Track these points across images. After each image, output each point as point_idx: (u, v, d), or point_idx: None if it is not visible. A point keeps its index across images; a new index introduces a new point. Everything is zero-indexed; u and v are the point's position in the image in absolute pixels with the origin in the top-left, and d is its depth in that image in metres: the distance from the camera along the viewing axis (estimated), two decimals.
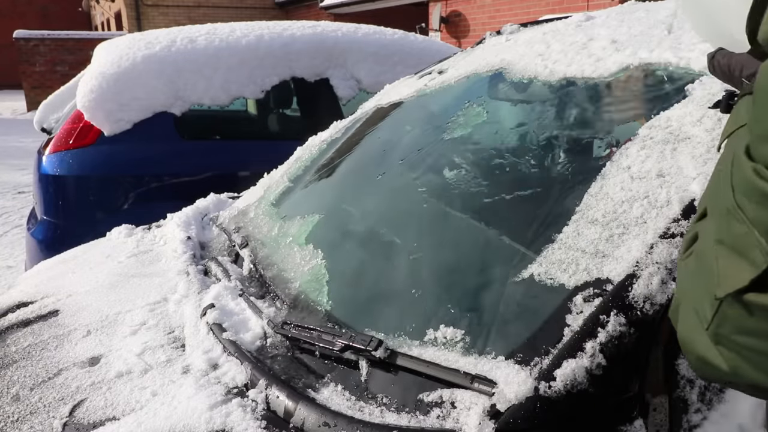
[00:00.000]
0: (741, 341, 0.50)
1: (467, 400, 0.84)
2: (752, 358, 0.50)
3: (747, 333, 0.50)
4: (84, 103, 3.00)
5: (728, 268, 0.50)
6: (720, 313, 0.51)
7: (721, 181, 0.51)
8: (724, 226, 0.50)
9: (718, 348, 0.52)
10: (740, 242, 0.49)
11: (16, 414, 1.06)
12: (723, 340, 0.52)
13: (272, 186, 1.80)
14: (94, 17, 24.91)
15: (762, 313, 0.48)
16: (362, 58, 3.51)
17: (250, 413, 0.94)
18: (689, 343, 0.57)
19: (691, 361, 0.58)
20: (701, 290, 0.54)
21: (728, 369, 0.52)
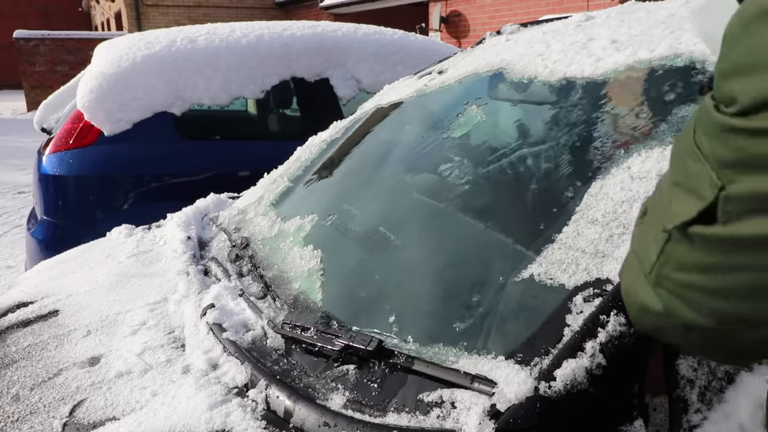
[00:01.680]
0: (680, 278, 0.52)
1: (467, 400, 0.84)
2: (687, 295, 0.52)
3: (687, 269, 0.51)
4: (84, 103, 3.00)
5: (679, 205, 0.51)
6: (664, 252, 0.53)
7: (684, 131, 0.53)
8: (681, 168, 0.52)
9: (657, 290, 0.55)
10: (693, 180, 0.50)
11: (16, 414, 1.06)
12: (663, 280, 0.54)
13: (272, 186, 1.80)
14: (94, 17, 24.91)
15: (703, 245, 0.49)
16: (362, 58, 3.51)
17: (250, 413, 0.94)
18: (632, 294, 0.60)
19: (632, 312, 0.62)
20: (650, 237, 0.56)
21: (663, 309, 0.54)
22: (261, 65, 3.29)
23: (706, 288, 0.50)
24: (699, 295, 0.51)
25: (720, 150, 0.47)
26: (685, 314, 0.52)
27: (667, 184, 0.54)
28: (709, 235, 0.48)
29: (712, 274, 0.49)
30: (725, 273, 0.48)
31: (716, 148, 0.48)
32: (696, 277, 0.50)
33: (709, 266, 0.49)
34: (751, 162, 0.45)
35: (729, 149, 0.46)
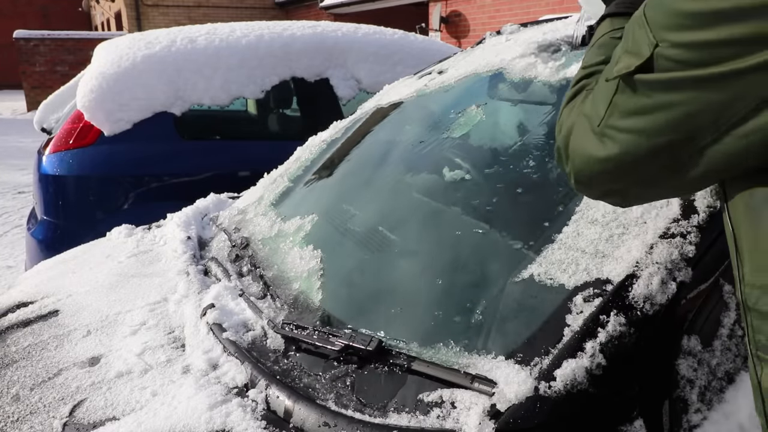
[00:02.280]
0: (623, 124, 0.62)
1: (467, 400, 0.84)
2: (628, 138, 0.62)
3: (629, 113, 0.61)
4: (84, 103, 3.00)
5: (626, 62, 0.62)
6: (611, 104, 0.63)
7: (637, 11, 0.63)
8: (629, 38, 0.63)
9: (603, 140, 0.64)
10: (637, 43, 0.60)
11: (16, 414, 1.06)
12: (608, 130, 0.64)
13: (272, 186, 1.80)
14: (94, 17, 24.91)
15: (645, 88, 0.59)
16: (362, 58, 3.51)
17: (250, 413, 0.94)
18: (580, 149, 0.69)
19: (576, 165, 0.70)
20: (600, 100, 0.66)
21: (605, 154, 0.64)
22: (261, 65, 3.29)
23: (644, 127, 0.60)
24: (638, 135, 0.61)
25: (660, 15, 0.58)
26: (624, 154, 0.63)
27: (615, 55, 0.66)
28: (650, 79, 0.59)
29: (648, 114, 0.60)
30: (659, 110, 0.59)
31: (657, 13, 0.58)
32: (636, 120, 0.61)
33: (646, 107, 0.60)
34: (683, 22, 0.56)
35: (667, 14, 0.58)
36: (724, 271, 0.88)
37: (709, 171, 0.60)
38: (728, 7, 0.52)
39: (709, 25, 0.54)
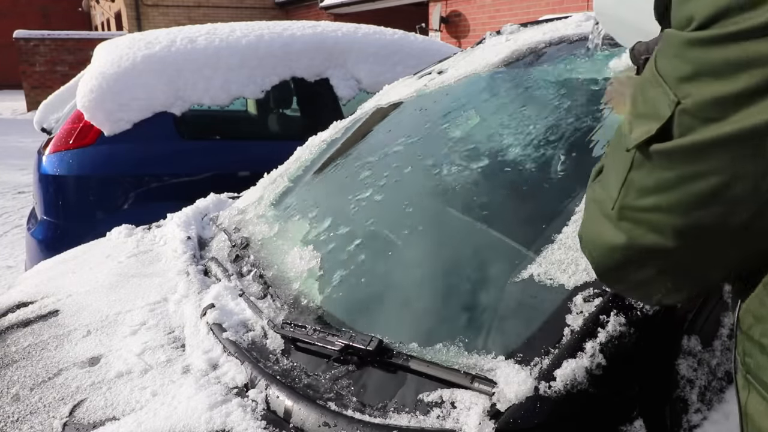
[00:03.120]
0: (642, 203, 0.53)
1: (467, 400, 0.84)
2: (649, 219, 0.53)
3: (649, 191, 0.52)
4: (84, 103, 3.00)
5: (638, 130, 0.53)
6: (626, 182, 0.54)
7: (644, 71, 0.56)
8: (639, 101, 0.54)
9: (620, 224, 0.55)
10: (651, 105, 0.52)
11: (16, 414, 1.06)
12: (625, 212, 0.55)
13: (272, 186, 1.80)
14: (94, 17, 24.91)
15: (663, 160, 0.51)
16: (362, 58, 3.51)
17: (250, 413, 0.94)
18: (594, 238, 0.60)
19: (595, 258, 0.61)
20: (611, 180, 0.57)
21: (626, 240, 0.55)
22: (261, 65, 3.29)
23: (668, 205, 0.51)
24: (661, 215, 0.52)
25: (679, 66, 0.50)
26: (648, 239, 0.53)
27: (625, 126, 0.57)
28: (669, 148, 0.50)
29: (671, 189, 0.51)
30: (684, 184, 0.50)
31: (675, 65, 0.50)
32: (657, 198, 0.52)
33: (669, 182, 0.51)
34: (707, 70, 0.47)
35: (687, 62, 0.49)
36: None
37: (754, 251, 0.50)
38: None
39: (741, 71, 0.45)
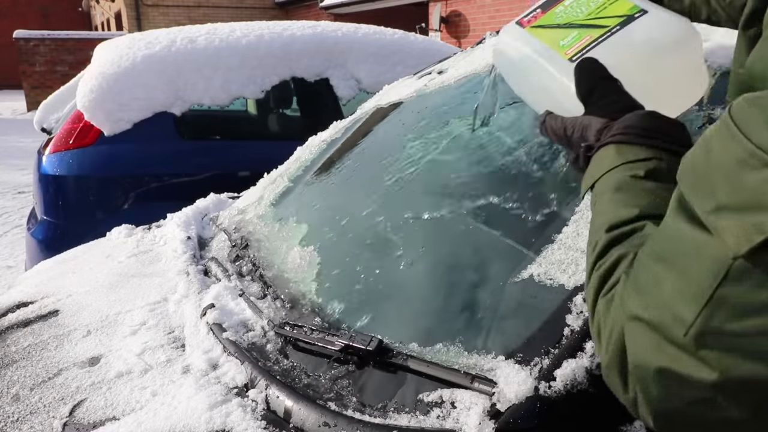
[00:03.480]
0: (741, 327, 0.41)
1: (467, 400, 0.84)
2: (752, 345, 0.41)
3: (754, 311, 0.41)
4: (84, 103, 3.01)
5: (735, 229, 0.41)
6: (714, 300, 0.42)
7: (719, 148, 0.44)
8: (725, 189, 0.42)
9: (702, 354, 0.43)
10: (754, 194, 0.40)
11: (16, 414, 1.06)
12: (711, 338, 0.43)
13: (272, 186, 1.80)
14: (94, 17, 24.91)
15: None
16: (362, 58, 3.51)
17: (250, 413, 0.94)
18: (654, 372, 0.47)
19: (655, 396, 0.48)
20: (675, 299, 0.45)
21: (718, 376, 0.42)
22: (261, 65, 3.29)
23: None
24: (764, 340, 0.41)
25: None
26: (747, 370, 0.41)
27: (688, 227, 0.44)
28: None
29: None
30: None
31: None
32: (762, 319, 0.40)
33: None
34: None
35: None
36: None
37: None
38: None
39: None
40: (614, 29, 0.83)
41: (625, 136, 0.64)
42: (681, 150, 0.61)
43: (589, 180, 0.67)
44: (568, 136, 0.74)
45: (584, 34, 0.85)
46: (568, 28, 0.87)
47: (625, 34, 0.82)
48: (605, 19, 0.85)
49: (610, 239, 0.57)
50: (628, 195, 0.60)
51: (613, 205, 0.60)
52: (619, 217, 0.58)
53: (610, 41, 0.82)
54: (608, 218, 0.59)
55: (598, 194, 0.64)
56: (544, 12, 0.93)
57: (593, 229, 0.61)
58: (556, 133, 0.77)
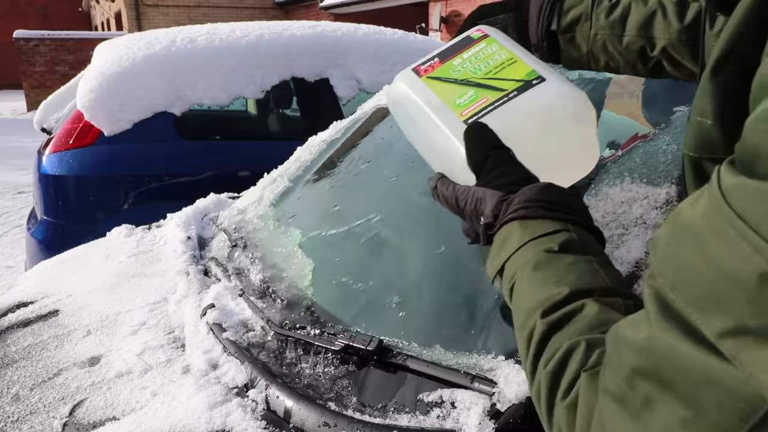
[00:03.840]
0: None
1: (467, 400, 0.84)
2: None
3: None
4: (84, 103, 3.01)
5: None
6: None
7: (715, 256, 0.36)
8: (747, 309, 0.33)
9: None
10: None
11: (16, 414, 1.06)
12: None
13: (272, 186, 1.80)
14: (94, 17, 24.92)
15: None
16: (362, 58, 3.51)
17: (250, 413, 0.94)
18: None
19: None
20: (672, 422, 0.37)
21: None
22: (261, 65, 3.29)
23: None
24: None
25: None
26: None
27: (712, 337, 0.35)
28: None
29: None
30: None
31: None
32: None
33: None
34: None
35: None
36: None
37: None
38: None
39: None
40: (511, 94, 0.81)
41: (528, 210, 0.62)
42: (582, 221, 0.63)
43: (497, 262, 0.63)
44: (461, 207, 0.72)
45: (481, 95, 0.82)
46: (465, 86, 0.84)
47: (522, 101, 0.80)
48: (503, 81, 0.83)
49: (549, 325, 0.52)
50: (550, 272, 0.56)
51: (538, 285, 0.56)
52: (550, 298, 0.54)
53: (506, 107, 0.80)
54: (538, 300, 0.55)
55: (515, 275, 0.60)
56: (441, 62, 0.91)
57: (520, 312, 0.57)
58: (448, 202, 0.74)
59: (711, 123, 0.47)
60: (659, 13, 0.84)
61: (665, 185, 0.94)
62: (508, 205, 0.65)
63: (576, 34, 0.91)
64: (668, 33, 0.83)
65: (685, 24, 0.82)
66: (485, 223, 0.67)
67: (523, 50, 0.89)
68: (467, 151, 0.73)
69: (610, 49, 0.89)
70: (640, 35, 0.86)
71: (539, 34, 0.94)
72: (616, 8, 0.88)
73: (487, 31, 0.92)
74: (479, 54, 0.88)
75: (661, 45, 0.84)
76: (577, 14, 0.91)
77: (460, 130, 0.77)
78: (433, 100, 0.84)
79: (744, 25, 0.43)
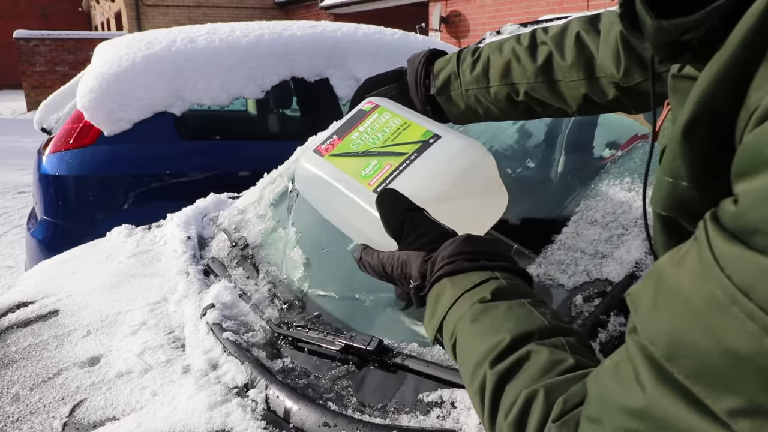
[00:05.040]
0: None
1: (467, 400, 0.84)
2: None
3: None
4: (84, 103, 3.01)
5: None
6: None
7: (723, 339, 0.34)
8: (762, 390, 0.32)
9: None
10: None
11: (16, 414, 1.06)
12: None
13: (272, 186, 1.80)
14: (94, 17, 24.92)
15: None
16: (362, 58, 3.51)
17: (250, 413, 0.94)
18: None
19: None
20: None
21: None
22: (261, 65, 3.29)
23: None
24: None
25: None
26: None
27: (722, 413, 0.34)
28: None
29: None
30: None
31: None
32: None
33: None
34: None
35: None
36: None
37: None
38: None
39: None
40: (412, 156, 0.84)
41: (453, 264, 0.63)
42: (507, 265, 0.64)
43: (434, 322, 0.63)
44: (389, 273, 0.72)
45: (384, 162, 0.84)
46: (367, 156, 0.86)
47: (424, 161, 0.83)
48: (402, 145, 0.86)
49: (499, 375, 0.52)
50: (488, 322, 0.56)
51: (479, 337, 0.56)
52: (494, 348, 0.54)
53: (409, 170, 0.82)
54: (482, 352, 0.54)
55: (455, 331, 0.59)
56: (340, 139, 0.92)
57: (468, 367, 0.56)
58: (375, 270, 0.74)
59: (686, 185, 0.44)
60: (514, 61, 0.91)
61: None
62: (433, 264, 0.65)
63: (451, 93, 0.97)
64: (526, 77, 0.90)
65: (538, 65, 0.89)
66: (415, 285, 0.67)
67: (414, 113, 0.93)
68: (383, 218, 0.74)
69: (483, 100, 0.95)
70: (503, 83, 0.92)
71: (420, 99, 1.00)
72: (477, 63, 0.94)
73: (378, 102, 0.96)
74: (374, 124, 0.92)
75: (523, 89, 0.91)
76: (446, 75, 0.97)
77: (371, 199, 0.78)
78: (341, 176, 0.86)
79: (717, 86, 0.39)
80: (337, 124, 0.98)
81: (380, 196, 0.76)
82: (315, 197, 0.95)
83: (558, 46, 0.88)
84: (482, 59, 0.94)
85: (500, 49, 0.93)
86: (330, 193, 0.87)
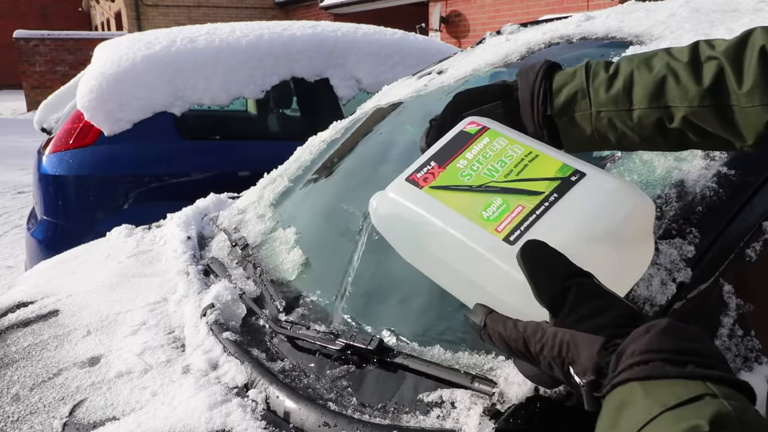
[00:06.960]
0: None
1: (467, 400, 0.84)
2: None
3: None
4: (84, 103, 3.01)
5: None
6: None
7: None
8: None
9: None
10: None
11: (16, 414, 1.06)
12: None
13: (272, 186, 1.80)
14: (94, 17, 24.93)
15: None
16: (362, 58, 3.52)
17: (250, 413, 0.94)
18: None
19: None
20: None
21: None
22: (261, 65, 3.30)
23: None
24: None
25: None
26: None
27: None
28: None
29: None
30: None
31: None
32: None
33: None
34: None
35: None
36: (723, 271, 0.88)
37: None
38: None
39: None
40: (551, 198, 0.67)
41: (648, 367, 0.47)
42: (724, 375, 0.46)
43: None
44: (535, 351, 0.57)
45: (513, 203, 0.68)
46: (485, 193, 0.70)
47: (568, 204, 0.67)
48: (532, 182, 0.69)
49: None
50: None
51: None
52: None
53: (550, 214, 0.66)
54: None
55: None
56: (441, 167, 0.75)
57: None
58: (509, 345, 0.60)
59: None
60: (670, 79, 0.73)
61: (665, 185, 0.93)
62: (618, 358, 0.50)
63: (575, 114, 0.79)
64: (687, 100, 0.72)
65: (705, 86, 0.71)
66: (588, 381, 0.53)
67: (531, 139, 0.77)
68: (532, 281, 0.58)
69: (619, 125, 0.77)
70: (652, 106, 0.74)
71: (536, 121, 0.81)
72: (615, 79, 0.77)
73: (483, 123, 0.79)
74: (486, 152, 0.75)
75: (680, 114, 0.73)
76: (570, 93, 0.79)
77: (505, 252, 0.63)
78: (452, 217, 0.69)
79: None
80: (432, 150, 0.79)
81: (526, 252, 0.59)
82: (404, 238, 0.78)
83: (734, 62, 0.69)
84: (622, 75, 0.76)
85: (648, 64, 0.75)
86: (432, 236, 0.71)
